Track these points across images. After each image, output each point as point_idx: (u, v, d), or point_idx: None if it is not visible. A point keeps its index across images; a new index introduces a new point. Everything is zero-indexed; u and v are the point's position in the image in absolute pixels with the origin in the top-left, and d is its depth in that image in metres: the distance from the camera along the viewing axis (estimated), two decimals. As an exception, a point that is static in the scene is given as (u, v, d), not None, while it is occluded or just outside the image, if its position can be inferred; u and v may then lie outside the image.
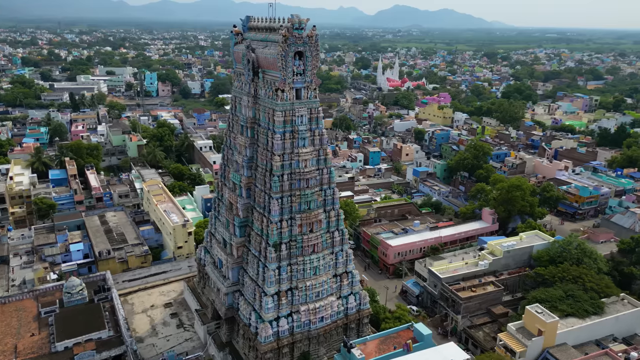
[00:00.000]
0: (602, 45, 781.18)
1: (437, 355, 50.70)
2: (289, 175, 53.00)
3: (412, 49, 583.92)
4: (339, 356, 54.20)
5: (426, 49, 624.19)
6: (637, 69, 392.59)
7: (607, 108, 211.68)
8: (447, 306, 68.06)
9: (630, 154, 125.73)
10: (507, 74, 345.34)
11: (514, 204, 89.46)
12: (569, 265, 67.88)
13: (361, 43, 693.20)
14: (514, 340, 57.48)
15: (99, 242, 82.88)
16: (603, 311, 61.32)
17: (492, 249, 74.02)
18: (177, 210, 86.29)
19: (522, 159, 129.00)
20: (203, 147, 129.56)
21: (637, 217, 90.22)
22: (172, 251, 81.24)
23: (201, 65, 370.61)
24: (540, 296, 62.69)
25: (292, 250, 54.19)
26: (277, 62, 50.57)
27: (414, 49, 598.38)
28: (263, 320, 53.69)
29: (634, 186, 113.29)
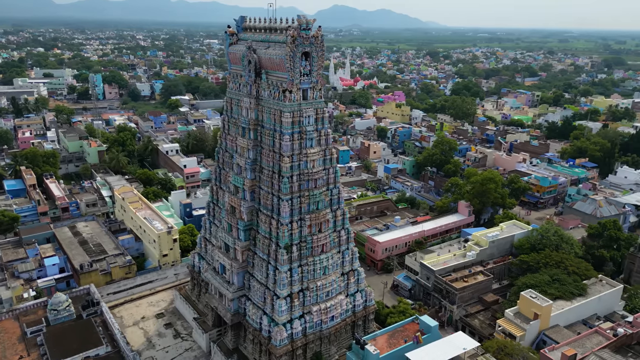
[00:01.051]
0: (531, 44, 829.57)
1: (450, 345, 52.52)
2: (297, 176, 52.88)
3: (357, 49, 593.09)
4: (352, 354, 54.78)
5: (370, 48, 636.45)
6: (566, 65, 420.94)
7: (548, 103, 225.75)
8: (441, 297, 70.38)
9: (580, 145, 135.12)
10: (451, 72, 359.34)
11: (488, 196, 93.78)
12: (550, 251, 72.23)
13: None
14: (512, 325, 60.53)
15: (76, 254, 78.49)
16: (586, 292, 65.85)
17: (478, 239, 77.29)
18: (157, 217, 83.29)
19: (483, 153, 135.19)
20: (169, 150, 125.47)
21: (597, 203, 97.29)
22: (156, 260, 78.37)
23: (145, 66, 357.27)
24: (529, 282, 66.32)
25: (302, 251, 54.11)
26: (284, 63, 50.28)
27: (359, 48, 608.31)
28: (276, 324, 53.25)
29: (586, 175, 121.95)
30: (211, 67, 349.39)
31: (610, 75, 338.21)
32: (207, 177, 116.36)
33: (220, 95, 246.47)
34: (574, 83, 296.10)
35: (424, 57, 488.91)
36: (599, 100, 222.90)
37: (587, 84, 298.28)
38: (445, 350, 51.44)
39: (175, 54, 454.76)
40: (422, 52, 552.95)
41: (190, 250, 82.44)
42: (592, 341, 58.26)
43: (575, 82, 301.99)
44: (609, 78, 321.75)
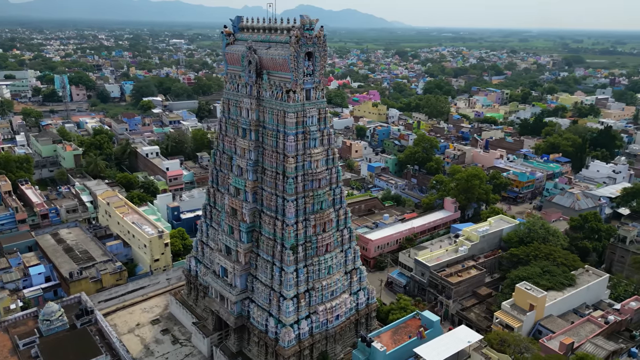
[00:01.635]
0: (493, 43, 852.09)
1: (454, 339, 53.59)
2: (302, 177, 52.85)
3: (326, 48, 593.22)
4: (358, 352, 55.14)
5: (339, 48, 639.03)
6: (529, 64, 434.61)
7: (517, 100, 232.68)
8: (437, 292, 71.69)
9: (553, 140, 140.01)
10: (420, 71, 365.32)
11: (472, 191, 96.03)
12: (538, 244, 74.67)
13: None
14: (509, 317, 62.29)
15: (62, 262, 75.95)
16: (575, 283, 68.43)
17: (468, 235, 79.09)
18: (146, 222, 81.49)
19: (461, 150, 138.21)
20: (149, 153, 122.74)
21: (575, 197, 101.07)
22: (148, 265, 76.65)
23: (112, 66, 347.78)
24: (522, 274, 68.37)
25: (307, 251, 54.12)
26: (287, 63, 50.16)
27: (328, 48, 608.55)
28: (283, 325, 53.09)
29: (561, 170, 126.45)
30: (181, 68, 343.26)
31: (571, 73, 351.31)
32: (190, 180, 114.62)
33: (193, 96, 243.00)
34: (538, 81, 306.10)
35: (393, 57, 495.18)
36: (565, 97, 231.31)
37: (551, 82, 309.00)
38: (450, 344, 52.46)
39: (142, 54, 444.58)
40: (391, 51, 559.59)
41: (182, 254, 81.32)
42: (585, 329, 60.64)
43: (539, 80, 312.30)
44: (571, 76, 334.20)
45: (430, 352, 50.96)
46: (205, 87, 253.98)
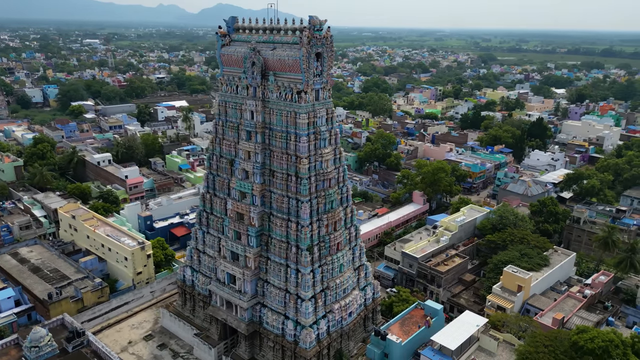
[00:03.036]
0: (412, 42, 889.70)
1: (464, 324, 56.42)
2: (314, 177, 52.99)
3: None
4: (372, 346, 56.41)
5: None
6: (450, 62, 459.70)
7: (449, 96, 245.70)
8: (426, 282, 74.68)
9: (494, 133, 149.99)
10: (352, 70, 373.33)
11: (439, 184, 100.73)
12: (512, 229, 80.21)
13: (199, 42, 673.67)
14: (501, 299, 66.49)
15: (32, 283, 69.84)
16: (549, 263, 74.39)
17: (447, 225, 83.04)
18: (122, 234, 76.99)
19: (413, 146, 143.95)
20: (101, 161, 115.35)
21: (526, 184, 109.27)
22: (130, 279, 72.51)
23: (25, 69, 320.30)
24: (503, 259, 73.15)
25: (321, 251, 54.37)
26: (298, 64, 50.07)
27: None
28: (303, 326, 52.99)
29: (505, 160, 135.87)
30: (105, 70, 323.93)
31: (489, 70, 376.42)
32: (151, 187, 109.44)
33: (126, 100, 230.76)
34: (463, 78, 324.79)
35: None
36: (492, 92, 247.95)
37: (474, 78, 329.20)
38: (462, 329, 55.21)
39: (57, 56, 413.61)
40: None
41: (163, 265, 77.85)
42: (567, 304, 66.28)
43: (463, 77, 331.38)
44: (490, 73, 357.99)
45: (447, 339, 53.32)
46: (139, 89, 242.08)
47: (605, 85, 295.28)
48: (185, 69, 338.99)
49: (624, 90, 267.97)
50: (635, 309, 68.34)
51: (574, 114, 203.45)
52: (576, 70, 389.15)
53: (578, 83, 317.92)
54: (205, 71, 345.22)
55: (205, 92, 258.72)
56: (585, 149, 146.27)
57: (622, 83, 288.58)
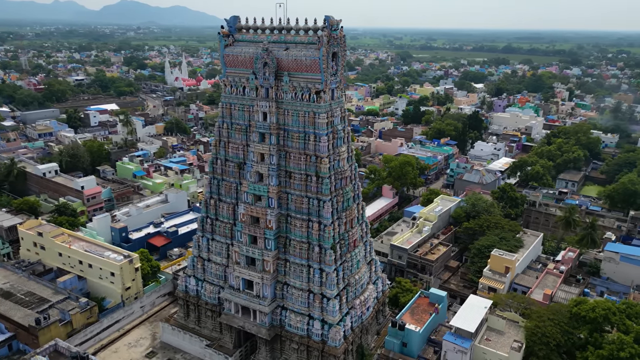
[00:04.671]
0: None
1: (474, 307, 59.67)
2: (334, 177, 53.40)
3: (171, 47, 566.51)
4: (391, 337, 58.06)
5: (184, 46, 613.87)
6: (372, 59, 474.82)
7: (382, 93, 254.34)
8: (417, 271, 77.78)
9: (437, 127, 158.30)
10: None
11: (406, 178, 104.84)
12: (486, 216, 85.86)
13: (109, 41, 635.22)
14: (492, 281, 71.13)
15: (8, 310, 63.17)
16: (523, 244, 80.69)
17: (426, 216, 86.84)
18: (102, 248, 71.81)
19: (366, 142, 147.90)
20: (47, 172, 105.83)
21: (481, 173, 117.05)
22: (118, 295, 67.87)
23: None
24: (484, 244, 78.19)
25: (342, 249, 54.95)
26: (316, 64, 50.18)
27: (173, 47, 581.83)
28: (330, 325, 53.29)
29: (452, 152, 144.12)
30: (12, 72, 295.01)
31: (411, 68, 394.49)
32: (109, 197, 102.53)
33: (45, 104, 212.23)
34: (389, 75, 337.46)
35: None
36: (421, 89, 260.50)
37: (399, 75, 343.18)
38: (474, 312, 58.44)
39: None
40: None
41: (150, 278, 73.88)
42: (549, 280, 72.48)
43: (389, 74, 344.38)
44: (412, 70, 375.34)
45: (465, 322, 56.20)
46: (59, 92, 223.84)
47: (516, 79, 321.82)
48: (103, 70, 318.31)
49: (533, 83, 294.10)
50: (601, 279, 76.29)
51: (498, 107, 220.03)
52: (487, 66, 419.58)
53: (491, 78, 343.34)
54: (127, 72, 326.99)
55: (133, 95, 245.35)
56: (519, 139, 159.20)
57: (531, 77, 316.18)
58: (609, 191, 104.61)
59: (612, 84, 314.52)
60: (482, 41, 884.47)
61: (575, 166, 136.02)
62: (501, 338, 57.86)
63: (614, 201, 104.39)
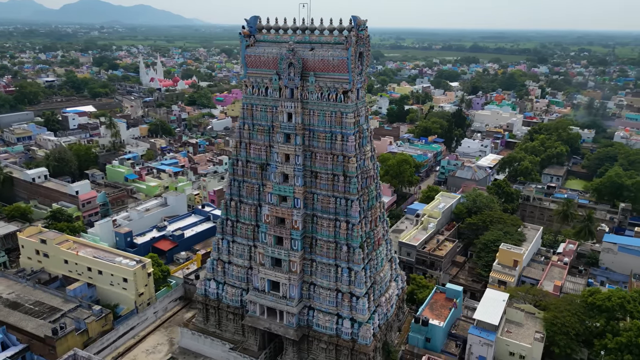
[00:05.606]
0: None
1: (493, 300, 61.13)
2: (360, 176, 53.75)
3: (140, 47, 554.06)
4: (415, 333, 59.12)
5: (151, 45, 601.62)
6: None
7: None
8: (426, 267, 78.98)
9: (424, 125, 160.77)
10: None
11: (403, 176, 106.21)
12: (488, 211, 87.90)
13: (74, 41, 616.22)
14: (502, 274, 72.94)
15: (19, 321, 60.85)
16: (526, 238, 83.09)
17: (430, 213, 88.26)
18: (110, 254, 70.00)
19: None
20: (36, 177, 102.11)
21: (472, 169, 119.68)
22: (131, 301, 66.34)
23: None
24: (489, 238, 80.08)
25: (368, 247, 55.38)
26: (344, 64, 50.42)
27: (141, 46, 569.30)
28: (360, 323, 53.65)
29: (441, 149, 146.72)
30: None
31: (386, 67, 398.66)
32: (104, 201, 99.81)
33: (18, 107, 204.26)
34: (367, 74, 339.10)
35: (220, 55, 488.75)
36: (400, 87, 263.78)
37: (375, 74, 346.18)
38: (495, 306, 59.94)
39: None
40: (215, 49, 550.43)
41: (160, 283, 72.52)
42: (554, 272, 74.92)
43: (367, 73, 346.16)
44: (387, 69, 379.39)
45: (488, 316, 57.61)
46: (31, 95, 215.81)
47: (489, 77, 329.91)
48: (73, 71, 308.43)
49: (506, 81, 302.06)
50: (601, 270, 79.37)
51: (477, 104, 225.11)
52: (459, 65, 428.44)
53: (464, 76, 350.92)
54: (98, 73, 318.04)
55: (109, 96, 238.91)
56: (502, 135, 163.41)
57: (504, 75, 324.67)
58: (597, 185, 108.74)
59: (579, 81, 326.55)
60: (449, 40, 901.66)
61: (558, 161, 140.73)
62: (521, 330, 59.55)
63: (601, 194, 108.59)
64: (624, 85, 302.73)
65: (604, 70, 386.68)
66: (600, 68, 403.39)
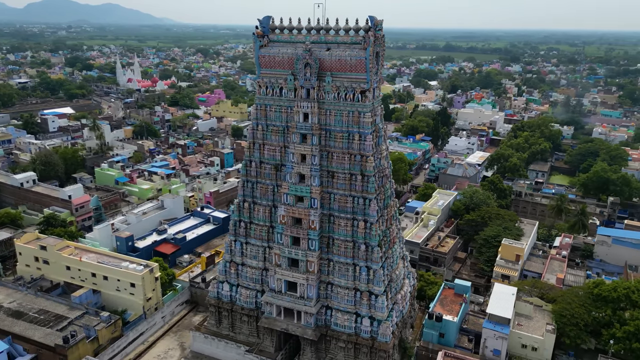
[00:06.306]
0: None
1: (503, 295, 62.37)
2: (377, 174, 54.12)
3: (112, 47, 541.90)
4: (429, 329, 59.87)
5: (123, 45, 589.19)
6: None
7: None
8: (429, 264, 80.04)
9: (411, 123, 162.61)
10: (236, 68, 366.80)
11: (398, 174, 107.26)
12: (486, 208, 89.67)
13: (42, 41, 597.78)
14: (505, 269, 74.56)
15: (25, 330, 58.97)
16: (524, 233, 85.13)
17: (429, 210, 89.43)
18: (114, 259, 68.47)
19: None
20: (24, 182, 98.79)
21: (463, 167, 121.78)
22: (139, 306, 65.04)
23: None
24: (490, 234, 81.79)
25: (385, 246, 55.81)
26: (362, 64, 50.69)
27: (113, 46, 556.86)
28: (379, 321, 54.04)
29: (429, 147, 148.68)
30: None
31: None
32: (96, 206, 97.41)
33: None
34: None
35: (196, 55, 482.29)
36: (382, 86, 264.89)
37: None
38: (505, 300, 61.19)
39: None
40: (190, 49, 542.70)
41: (166, 287, 71.37)
42: (554, 265, 77.02)
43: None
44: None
45: (501, 310, 58.74)
46: (5, 97, 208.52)
47: (466, 76, 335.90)
48: (46, 72, 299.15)
49: (483, 80, 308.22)
50: (596, 261, 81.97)
51: (458, 103, 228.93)
52: (435, 64, 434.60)
53: (441, 75, 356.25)
54: (71, 74, 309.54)
55: (86, 97, 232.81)
56: (487, 133, 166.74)
57: (481, 74, 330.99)
58: (584, 179, 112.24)
59: (552, 79, 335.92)
60: (422, 40, 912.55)
61: (542, 157, 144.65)
62: (531, 322, 60.98)
63: (587, 189, 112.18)
64: (595, 83, 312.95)
65: (574, 69, 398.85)
66: (570, 66, 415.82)
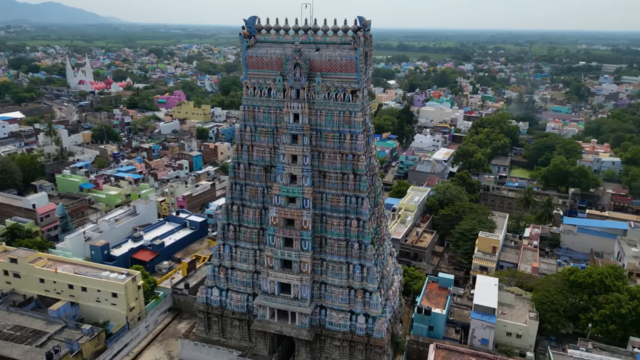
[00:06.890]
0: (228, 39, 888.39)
1: (486, 286, 64.65)
2: (368, 173, 54.75)
3: (57, 47, 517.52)
4: (418, 322, 61.39)
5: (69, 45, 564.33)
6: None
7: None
8: (409, 259, 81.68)
9: (377, 122, 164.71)
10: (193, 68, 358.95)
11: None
12: (460, 202, 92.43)
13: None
14: (483, 260, 77.20)
15: (1, 348, 55.48)
16: (496, 225, 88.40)
17: (406, 207, 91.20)
18: (92, 269, 65.71)
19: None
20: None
21: (432, 163, 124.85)
22: (122, 317, 62.71)
23: None
24: (465, 227, 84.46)
25: (377, 243, 56.54)
26: (353, 64, 51.14)
27: (58, 46, 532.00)
28: (374, 318, 54.72)
29: (395, 145, 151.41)
30: None
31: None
32: (62, 214, 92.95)
33: None
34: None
35: (149, 55, 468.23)
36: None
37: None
38: (489, 290, 63.44)
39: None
40: (142, 50, 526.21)
41: (148, 295, 69.27)
42: (527, 254, 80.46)
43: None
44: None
45: (486, 301, 60.87)
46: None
47: (422, 75, 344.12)
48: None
49: (439, 78, 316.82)
50: (563, 250, 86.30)
51: (418, 101, 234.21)
52: (391, 63, 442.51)
53: (398, 75, 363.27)
54: (16, 76, 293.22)
55: (35, 101, 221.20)
56: (449, 130, 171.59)
57: (436, 73, 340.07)
58: (544, 172, 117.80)
59: (502, 77, 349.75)
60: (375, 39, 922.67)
61: (503, 152, 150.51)
62: (513, 311, 63.51)
63: (548, 181, 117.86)
64: (542, 80, 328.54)
65: (521, 67, 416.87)
66: (518, 65, 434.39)
